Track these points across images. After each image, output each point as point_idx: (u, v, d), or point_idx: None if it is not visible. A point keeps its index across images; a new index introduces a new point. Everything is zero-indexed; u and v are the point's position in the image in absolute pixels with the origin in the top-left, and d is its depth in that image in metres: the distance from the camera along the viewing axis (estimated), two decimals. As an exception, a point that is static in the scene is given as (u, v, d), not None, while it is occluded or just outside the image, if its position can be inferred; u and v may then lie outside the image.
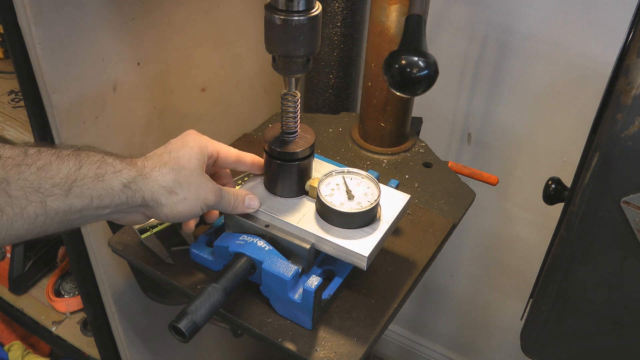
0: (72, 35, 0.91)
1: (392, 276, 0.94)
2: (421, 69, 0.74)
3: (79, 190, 0.66)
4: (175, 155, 0.76)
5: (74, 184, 0.66)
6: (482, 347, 1.85)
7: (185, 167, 0.76)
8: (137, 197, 0.72)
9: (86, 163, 0.68)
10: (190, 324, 0.75)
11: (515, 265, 1.60)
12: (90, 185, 0.67)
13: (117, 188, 0.69)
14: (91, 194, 0.67)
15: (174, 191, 0.75)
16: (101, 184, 0.68)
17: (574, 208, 0.74)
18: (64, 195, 0.65)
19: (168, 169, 0.75)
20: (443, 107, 1.46)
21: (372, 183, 0.89)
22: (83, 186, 0.66)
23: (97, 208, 0.69)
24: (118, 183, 0.69)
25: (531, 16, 1.23)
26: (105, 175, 0.68)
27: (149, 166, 0.74)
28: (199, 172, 0.78)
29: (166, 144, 0.79)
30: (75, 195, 0.66)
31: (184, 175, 0.76)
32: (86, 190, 0.67)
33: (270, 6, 0.75)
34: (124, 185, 0.70)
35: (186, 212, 0.76)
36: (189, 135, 0.80)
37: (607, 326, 0.82)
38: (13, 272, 1.62)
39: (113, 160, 0.71)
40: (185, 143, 0.79)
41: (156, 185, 0.73)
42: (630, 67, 0.65)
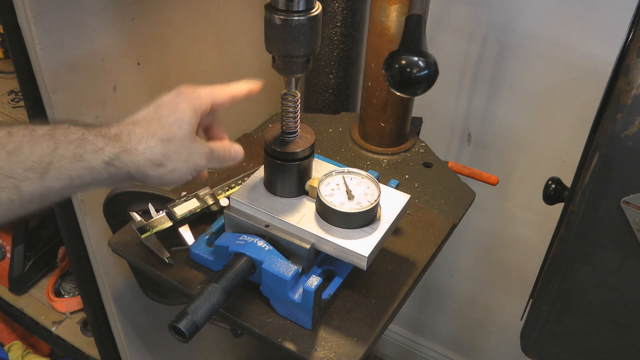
0: (72, 35, 0.91)
1: (392, 276, 0.94)
2: (421, 69, 0.74)
3: (57, 173, 0.63)
4: (165, 122, 0.72)
5: (49, 166, 0.62)
6: (482, 347, 1.85)
7: (175, 135, 0.72)
8: (121, 172, 0.68)
9: (63, 142, 0.64)
10: (190, 324, 0.75)
11: (515, 265, 1.60)
12: (68, 166, 0.63)
13: (98, 167, 0.66)
14: (70, 175, 0.64)
15: (162, 164, 0.71)
16: (81, 164, 0.64)
17: (574, 208, 0.74)
18: (40, 179, 0.62)
19: (156, 140, 0.70)
20: (443, 107, 1.45)
21: (372, 183, 0.89)
22: (60, 168, 0.63)
23: (78, 187, 0.65)
24: (99, 161, 0.66)
25: (531, 16, 1.23)
26: (85, 155, 0.65)
27: (135, 138, 0.69)
28: (190, 138, 0.74)
29: (157, 105, 0.74)
30: (52, 177, 0.62)
31: (173, 145, 0.72)
32: (64, 171, 0.63)
33: (270, 6, 0.75)
34: (106, 163, 0.66)
35: (175, 181, 0.74)
36: (180, 95, 0.75)
37: (607, 326, 0.82)
38: (13, 272, 1.62)
39: (94, 137, 0.66)
40: (177, 106, 0.74)
41: (142, 159, 0.69)
42: (630, 67, 0.65)
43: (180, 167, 0.73)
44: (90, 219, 1.09)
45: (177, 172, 0.72)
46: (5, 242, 1.64)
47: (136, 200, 1.01)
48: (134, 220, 0.97)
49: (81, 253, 1.15)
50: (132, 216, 0.98)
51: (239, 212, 0.89)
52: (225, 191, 1.02)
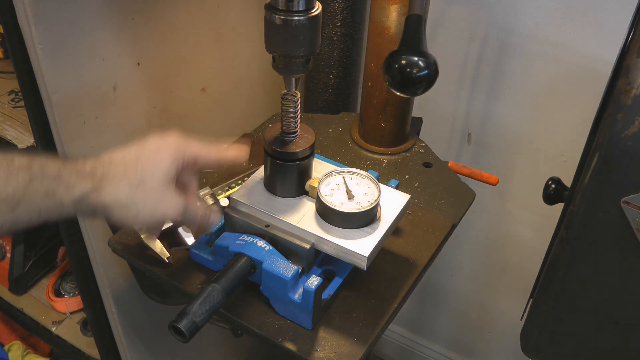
0: (72, 35, 0.91)
1: (392, 276, 0.94)
2: (421, 69, 0.74)
3: (27, 207, 0.65)
4: (140, 168, 0.73)
5: (22, 200, 0.64)
6: (482, 347, 1.85)
7: (145, 182, 0.73)
8: (87, 209, 0.70)
9: (38, 178, 0.65)
10: (190, 324, 0.75)
11: (515, 265, 1.60)
12: (39, 201, 0.65)
13: (67, 204, 0.68)
14: (40, 210, 0.66)
15: (127, 207, 0.72)
16: (52, 200, 0.66)
17: (574, 208, 0.74)
18: (10, 211, 0.64)
19: (126, 183, 0.71)
20: (443, 107, 1.45)
21: (372, 183, 0.89)
22: (31, 202, 0.65)
23: (45, 219, 0.68)
24: (69, 199, 0.67)
25: (531, 16, 1.23)
26: (57, 191, 0.66)
27: (107, 178, 0.71)
28: (160, 189, 0.74)
29: (138, 148, 0.75)
30: (22, 210, 0.64)
31: (141, 192, 0.72)
32: (35, 206, 0.65)
33: (270, 6, 0.75)
34: (75, 201, 0.68)
35: (139, 224, 0.76)
36: (165, 142, 0.76)
37: (607, 326, 0.82)
38: (13, 272, 1.62)
39: (69, 173, 0.68)
40: (157, 153, 0.75)
41: (108, 200, 0.71)
42: (630, 67, 0.65)
43: (145, 214, 0.73)
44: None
45: (142, 217, 0.73)
46: (5, 242, 1.64)
47: (136, 200, 1.01)
48: (134, 220, 0.97)
49: (81, 253, 1.15)
50: (132, 216, 0.97)
51: (239, 212, 0.89)
52: (225, 191, 1.02)
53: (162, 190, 0.74)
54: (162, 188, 0.74)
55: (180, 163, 0.76)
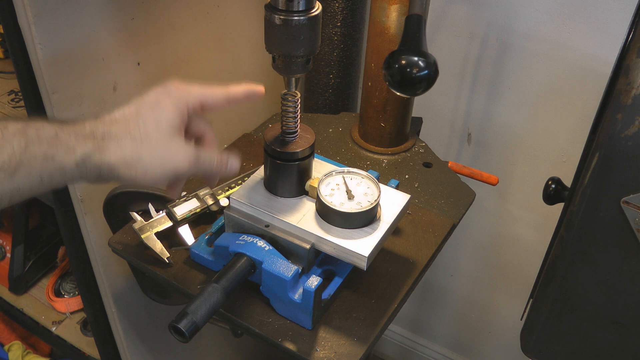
0: (72, 35, 0.91)
1: (392, 276, 0.94)
2: (421, 69, 0.74)
3: (26, 172, 0.61)
4: (142, 122, 0.69)
5: (19, 165, 0.60)
6: (482, 347, 1.85)
7: (149, 135, 0.68)
8: (93, 172, 0.66)
9: (34, 141, 0.61)
10: (190, 324, 0.75)
11: (515, 265, 1.60)
12: (38, 166, 0.61)
13: (69, 167, 0.63)
14: (40, 175, 0.62)
15: (133, 165, 0.67)
16: (52, 164, 0.62)
17: (574, 208, 0.74)
18: (9, 178, 0.60)
19: (129, 139, 0.67)
20: (443, 107, 1.45)
21: (372, 183, 0.89)
22: (30, 168, 0.61)
23: (48, 186, 0.63)
24: (70, 162, 0.63)
25: (531, 16, 1.23)
26: (56, 155, 0.62)
27: (109, 135, 0.67)
28: (168, 139, 0.70)
29: (138, 103, 0.71)
30: (21, 177, 0.61)
31: (146, 146, 0.68)
32: (34, 171, 0.61)
33: (270, 6, 0.75)
34: (77, 163, 0.64)
35: (149, 182, 0.69)
36: (165, 93, 0.72)
37: (607, 326, 0.82)
38: (13, 272, 1.62)
39: (67, 136, 0.64)
40: (158, 104, 0.71)
41: (113, 159, 0.66)
42: (630, 67, 0.65)
43: (155, 169, 0.69)
44: (90, 219, 1.09)
45: (152, 174, 0.69)
46: (5, 242, 1.64)
47: (136, 200, 1.01)
48: (134, 220, 0.97)
49: (81, 253, 1.15)
50: (132, 216, 0.98)
51: (239, 212, 0.89)
52: (225, 191, 1.02)
53: (169, 141, 0.70)
54: (168, 139, 0.70)
55: (184, 111, 0.72)
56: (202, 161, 0.73)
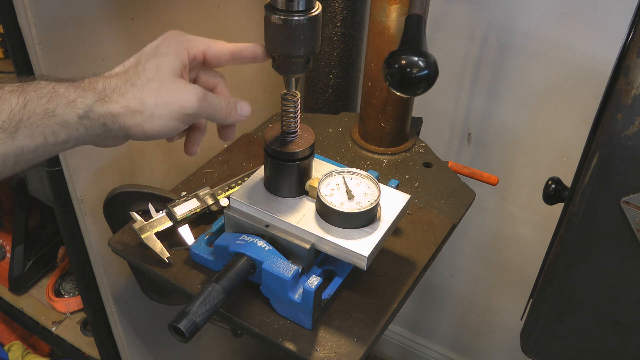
0: (72, 35, 0.91)
1: (392, 276, 0.94)
2: (421, 69, 0.74)
3: (29, 130, 0.59)
4: (142, 68, 0.67)
5: (20, 124, 0.58)
6: (482, 347, 1.85)
7: (151, 79, 0.67)
8: (97, 125, 0.63)
9: (32, 98, 0.60)
10: (190, 324, 0.75)
11: (515, 265, 1.60)
12: (40, 122, 0.59)
13: (72, 121, 0.61)
14: (43, 132, 0.60)
15: (137, 110, 0.65)
16: (53, 120, 0.60)
17: (574, 208, 0.74)
18: (11, 138, 0.58)
19: (130, 87, 0.66)
20: (443, 107, 1.46)
21: (372, 183, 0.89)
22: (32, 125, 0.59)
23: (54, 145, 0.61)
24: (73, 115, 0.61)
25: (531, 16, 1.23)
26: (57, 109, 0.60)
27: (110, 87, 0.65)
28: (170, 81, 0.67)
29: (138, 55, 0.69)
30: (24, 136, 0.59)
31: (149, 89, 0.66)
32: (37, 129, 0.59)
33: (270, 6, 0.75)
34: (80, 116, 0.62)
35: (158, 129, 0.67)
36: (165, 39, 0.70)
37: (607, 326, 0.82)
38: (13, 272, 1.62)
39: (66, 89, 0.62)
40: (157, 50, 0.69)
41: (117, 107, 0.64)
42: (630, 67, 0.65)
43: (161, 112, 0.66)
44: (90, 219, 1.09)
45: (157, 118, 0.66)
46: (5, 242, 1.64)
47: (136, 200, 1.01)
48: (134, 220, 0.97)
49: (81, 253, 1.15)
50: (132, 216, 0.98)
51: (239, 212, 0.89)
52: (225, 191, 1.02)
53: (172, 82, 0.68)
54: (170, 80, 0.68)
55: (185, 56, 0.70)
56: (210, 99, 0.70)
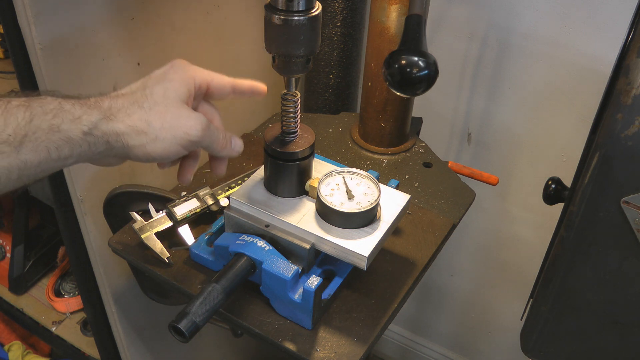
0: (72, 35, 0.91)
1: (392, 276, 0.94)
2: (421, 69, 0.74)
3: (33, 145, 0.59)
4: (149, 91, 0.68)
5: (25, 138, 0.59)
6: (482, 347, 1.85)
7: (158, 102, 0.68)
8: (101, 142, 0.64)
9: (39, 114, 0.60)
10: (190, 324, 0.75)
11: (515, 265, 1.60)
12: (44, 137, 0.60)
13: (76, 137, 0.62)
14: (47, 147, 0.60)
15: (143, 131, 0.66)
16: (58, 135, 0.61)
17: (574, 208, 0.74)
18: (15, 152, 0.58)
19: (137, 108, 0.66)
20: (443, 107, 1.46)
21: (372, 183, 0.89)
22: (37, 140, 0.59)
23: (57, 160, 0.62)
24: (77, 132, 0.62)
25: (531, 16, 1.23)
26: (62, 125, 0.61)
27: (116, 106, 0.66)
28: (176, 107, 0.69)
29: (145, 79, 0.71)
30: (28, 150, 0.59)
31: (155, 112, 0.67)
32: (41, 143, 0.60)
33: (270, 6, 0.75)
34: (85, 133, 0.62)
35: (160, 152, 0.68)
36: (173, 67, 0.71)
37: (607, 326, 0.82)
38: (13, 272, 1.62)
39: (72, 106, 0.63)
40: (165, 76, 0.70)
41: (122, 126, 0.65)
42: (630, 67, 0.65)
43: (165, 136, 0.67)
44: (90, 219, 1.09)
45: (161, 141, 0.67)
46: (5, 242, 1.64)
47: (136, 200, 1.01)
48: (134, 220, 0.97)
49: (81, 253, 1.15)
50: (132, 216, 0.98)
51: (239, 212, 0.89)
52: (225, 191, 1.02)
53: (178, 108, 0.69)
54: (177, 106, 0.69)
55: (191, 85, 0.71)
56: (212, 130, 0.72)
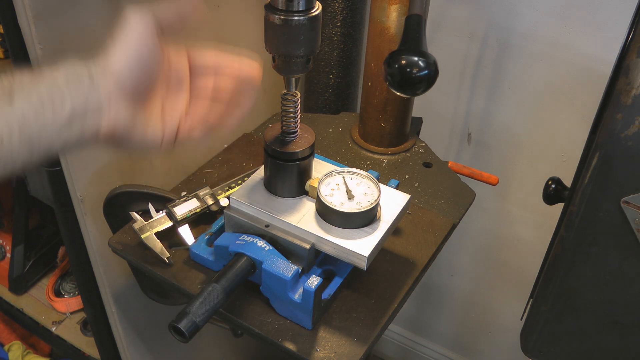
0: (72, 35, 0.91)
1: (392, 276, 0.94)
2: (421, 69, 0.74)
3: (24, 95, 0.59)
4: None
5: (13, 90, 0.58)
6: (482, 347, 1.85)
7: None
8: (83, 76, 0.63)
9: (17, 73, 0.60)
10: (190, 324, 0.75)
11: (515, 265, 1.60)
12: (31, 86, 0.60)
13: (60, 80, 0.61)
14: (39, 95, 0.59)
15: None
16: (42, 82, 0.60)
17: (574, 208, 0.74)
18: (9, 104, 0.58)
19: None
20: (443, 107, 1.46)
21: (372, 183, 0.89)
22: (24, 90, 0.59)
23: (53, 111, 0.60)
24: (60, 75, 0.62)
25: (531, 16, 1.23)
26: (43, 72, 0.61)
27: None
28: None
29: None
30: (22, 100, 0.58)
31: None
32: (31, 92, 0.59)
33: (270, 6, 0.75)
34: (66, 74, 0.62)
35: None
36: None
37: (607, 326, 0.82)
38: (13, 272, 1.62)
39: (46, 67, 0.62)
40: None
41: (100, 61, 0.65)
42: (630, 67, 0.65)
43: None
44: (90, 219, 1.09)
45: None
46: (5, 242, 1.64)
47: (136, 200, 1.01)
48: (134, 220, 0.97)
49: (81, 253, 1.15)
50: (132, 216, 0.98)
51: (239, 212, 0.89)
52: (225, 191, 1.02)
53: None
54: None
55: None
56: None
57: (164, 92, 0.71)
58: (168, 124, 0.71)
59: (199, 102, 0.74)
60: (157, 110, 0.70)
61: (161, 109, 0.70)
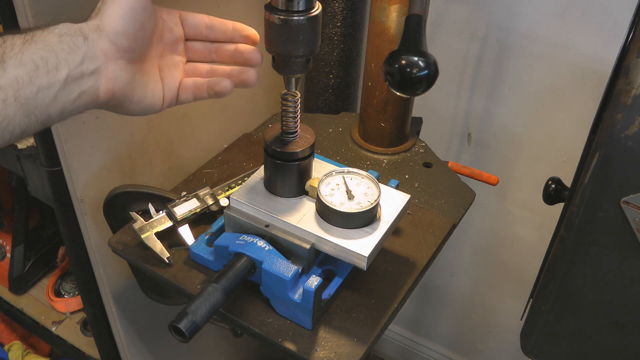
0: (72, 35, 0.91)
1: (392, 276, 0.94)
2: (421, 69, 0.74)
3: (16, 59, 0.57)
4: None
5: (4, 56, 0.57)
6: (482, 347, 1.85)
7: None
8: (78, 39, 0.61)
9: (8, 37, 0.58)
10: (190, 324, 0.75)
11: (515, 265, 1.60)
12: (23, 49, 0.58)
13: (53, 41, 0.59)
14: (32, 58, 0.57)
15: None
16: (35, 46, 0.58)
17: (574, 208, 0.74)
18: (1, 70, 0.56)
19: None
20: (443, 107, 1.46)
21: (372, 183, 0.89)
22: (16, 54, 0.57)
23: (47, 74, 0.58)
24: (52, 36, 0.60)
25: (531, 16, 1.23)
26: (35, 36, 0.59)
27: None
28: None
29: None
30: (14, 65, 0.56)
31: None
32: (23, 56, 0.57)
33: (270, 6, 0.75)
34: (59, 35, 0.60)
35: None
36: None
37: (607, 326, 0.82)
38: (13, 272, 1.62)
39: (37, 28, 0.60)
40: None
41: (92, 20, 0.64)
42: (630, 67, 0.65)
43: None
44: (90, 219, 1.09)
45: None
46: (5, 242, 1.64)
47: (136, 200, 1.01)
48: (134, 220, 0.97)
49: (81, 253, 1.15)
50: (132, 216, 0.98)
51: (239, 212, 0.89)
52: (225, 191, 1.02)
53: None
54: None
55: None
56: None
57: (159, 52, 0.70)
58: (167, 84, 0.70)
59: (198, 63, 0.74)
60: (155, 70, 0.68)
61: (158, 69, 0.69)
